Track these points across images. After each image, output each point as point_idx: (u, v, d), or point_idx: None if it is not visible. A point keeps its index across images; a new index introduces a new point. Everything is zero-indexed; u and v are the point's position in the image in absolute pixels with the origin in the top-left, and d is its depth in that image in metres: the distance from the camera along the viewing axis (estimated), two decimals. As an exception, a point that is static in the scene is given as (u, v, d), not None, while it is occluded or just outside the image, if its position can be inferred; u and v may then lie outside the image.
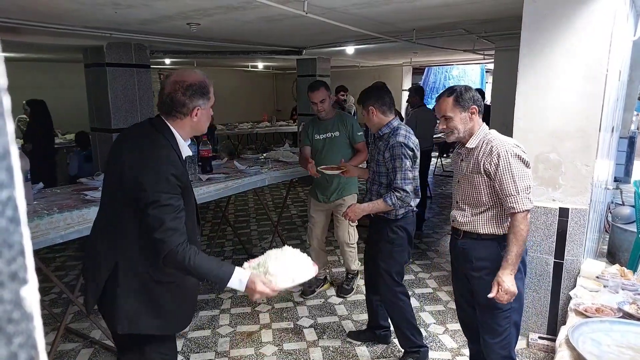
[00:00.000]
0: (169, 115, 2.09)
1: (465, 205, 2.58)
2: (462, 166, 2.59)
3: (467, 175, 2.54)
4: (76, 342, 3.79)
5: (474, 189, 2.51)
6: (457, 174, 2.67)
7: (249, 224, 7.07)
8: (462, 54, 9.02)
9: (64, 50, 7.16)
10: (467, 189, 2.55)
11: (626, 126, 6.95)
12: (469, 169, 2.52)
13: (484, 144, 2.47)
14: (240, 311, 4.29)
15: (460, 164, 2.62)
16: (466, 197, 2.57)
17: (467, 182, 2.55)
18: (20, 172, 0.26)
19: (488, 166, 2.41)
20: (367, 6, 4.11)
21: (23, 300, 0.26)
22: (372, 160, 3.33)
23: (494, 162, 2.39)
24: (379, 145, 3.24)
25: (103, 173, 2.46)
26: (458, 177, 2.65)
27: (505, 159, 2.37)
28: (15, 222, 0.25)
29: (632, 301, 2.54)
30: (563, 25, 3.22)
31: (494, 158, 2.39)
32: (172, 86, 2.05)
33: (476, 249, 2.55)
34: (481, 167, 2.45)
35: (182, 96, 2.04)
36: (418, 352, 3.38)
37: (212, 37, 6.00)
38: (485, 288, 2.42)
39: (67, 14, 4.23)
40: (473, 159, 2.51)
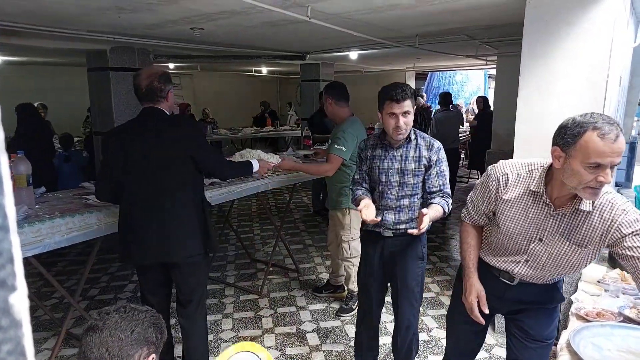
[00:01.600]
0: (154, 102, 2.80)
1: (545, 270, 2.09)
2: (552, 224, 1.99)
3: (571, 242, 1.96)
4: (77, 347, 3.79)
5: (574, 257, 1.99)
6: (535, 229, 2.04)
7: (252, 229, 7.08)
8: (464, 59, 9.03)
9: (68, 54, 7.19)
10: (566, 256, 2.00)
11: (627, 132, 6.93)
12: (580, 237, 1.94)
13: (605, 207, 1.87)
14: (243, 316, 4.30)
15: (547, 221, 1.99)
16: (556, 263, 2.04)
17: (567, 250, 1.98)
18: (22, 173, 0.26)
19: (617, 233, 1.84)
20: (371, 12, 4.12)
21: (12, 307, 0.26)
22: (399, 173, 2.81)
23: (623, 224, 1.83)
24: (410, 153, 2.80)
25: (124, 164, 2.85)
26: (540, 235, 2.03)
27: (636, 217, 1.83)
28: (4, 230, 0.26)
29: (632, 305, 2.54)
30: (564, 31, 3.22)
31: (626, 219, 1.83)
32: (147, 79, 2.75)
33: (536, 294, 2.20)
34: (602, 239, 1.89)
35: (159, 83, 2.76)
36: None
37: (216, 42, 6.02)
38: (538, 323, 2.23)
39: (71, 18, 4.26)
40: (584, 224, 1.91)
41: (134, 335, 1.36)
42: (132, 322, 1.38)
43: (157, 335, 1.44)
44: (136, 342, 1.36)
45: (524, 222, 2.05)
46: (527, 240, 2.07)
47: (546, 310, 2.23)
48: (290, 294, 4.75)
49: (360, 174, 2.97)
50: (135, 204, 2.82)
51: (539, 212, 2.00)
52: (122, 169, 2.78)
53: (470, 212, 2.29)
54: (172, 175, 2.79)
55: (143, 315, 1.42)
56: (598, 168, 1.70)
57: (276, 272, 5.32)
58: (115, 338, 1.33)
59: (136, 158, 2.77)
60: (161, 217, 2.78)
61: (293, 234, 6.71)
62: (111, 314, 1.39)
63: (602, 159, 1.68)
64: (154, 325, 1.43)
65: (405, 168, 2.78)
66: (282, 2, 3.65)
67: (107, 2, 3.66)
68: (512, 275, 2.18)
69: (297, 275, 5.23)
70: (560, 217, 1.96)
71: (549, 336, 2.26)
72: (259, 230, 6.98)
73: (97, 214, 3.19)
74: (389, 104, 2.66)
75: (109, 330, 1.34)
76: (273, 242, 5.86)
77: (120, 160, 2.78)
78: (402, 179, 2.79)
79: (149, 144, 2.76)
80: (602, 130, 1.69)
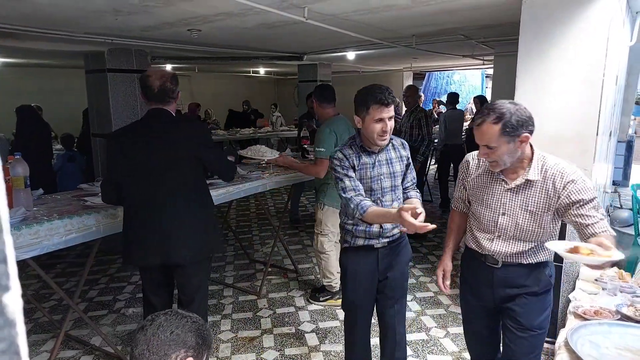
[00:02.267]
0: (164, 103, 2.81)
1: (516, 241, 2.27)
2: (512, 198, 2.23)
3: (528, 210, 2.20)
4: (76, 349, 3.80)
5: (538, 225, 2.21)
6: (500, 205, 2.27)
7: (251, 229, 7.08)
8: (461, 59, 9.05)
9: (65, 56, 7.19)
10: (527, 225, 2.23)
11: (624, 130, 6.96)
12: (535, 205, 2.18)
13: (553, 174, 2.14)
14: (242, 316, 4.30)
15: (506, 194, 2.24)
16: (523, 233, 2.24)
17: (526, 217, 2.22)
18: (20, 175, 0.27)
19: (566, 200, 2.10)
20: (367, 13, 4.13)
21: (5, 307, 0.27)
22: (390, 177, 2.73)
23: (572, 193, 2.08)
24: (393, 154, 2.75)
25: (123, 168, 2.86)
26: (503, 210, 2.25)
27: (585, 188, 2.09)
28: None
29: (630, 303, 2.54)
30: (560, 31, 3.23)
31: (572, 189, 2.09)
32: (160, 80, 2.76)
33: (520, 276, 2.31)
34: (556, 203, 2.14)
35: (171, 84, 2.79)
36: None
37: (214, 43, 6.02)
38: (531, 311, 2.31)
39: (68, 21, 4.26)
40: (538, 192, 2.18)
41: (173, 337, 1.47)
42: (174, 324, 1.49)
43: (198, 341, 1.51)
44: (174, 343, 1.46)
45: (488, 199, 2.30)
46: (494, 215, 2.29)
47: (536, 300, 2.32)
48: (289, 295, 4.75)
49: (352, 180, 2.60)
50: (139, 206, 2.83)
51: (498, 189, 2.27)
52: (127, 171, 2.79)
53: (455, 199, 2.57)
54: (176, 177, 2.81)
55: (186, 320, 1.52)
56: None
57: (275, 272, 5.32)
58: (157, 337, 1.45)
59: (141, 160, 2.78)
60: (164, 219, 2.79)
61: (292, 235, 6.72)
62: (159, 316, 1.52)
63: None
64: (195, 330, 1.52)
65: (394, 171, 2.72)
66: (279, 4, 3.66)
67: (104, 5, 3.66)
68: (494, 258, 2.32)
69: (295, 275, 5.24)
70: (516, 190, 2.22)
71: (540, 326, 2.33)
72: (258, 231, 6.99)
73: (96, 216, 3.19)
74: (377, 108, 2.49)
75: (153, 329, 1.47)
76: (272, 242, 5.86)
77: (124, 163, 2.79)
78: (393, 183, 2.73)
79: (155, 145, 2.77)
80: None
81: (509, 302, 2.36)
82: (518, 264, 2.30)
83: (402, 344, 2.99)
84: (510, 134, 2.06)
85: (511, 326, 2.37)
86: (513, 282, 2.33)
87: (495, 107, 2.10)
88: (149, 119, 2.87)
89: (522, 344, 2.35)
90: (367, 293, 2.83)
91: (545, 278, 2.33)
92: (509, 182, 2.22)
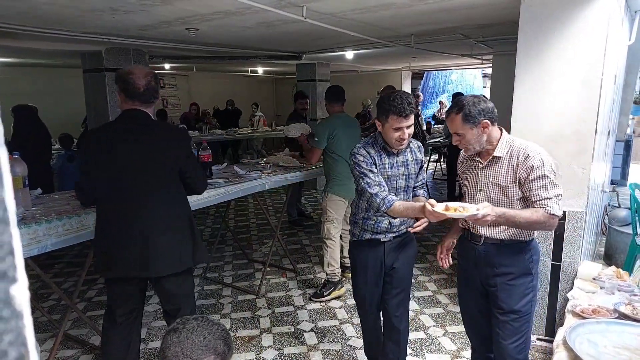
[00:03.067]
0: (147, 103, 2.61)
1: None
2: (485, 174, 2.48)
3: (497, 184, 2.44)
4: (75, 348, 3.79)
5: (506, 198, 2.42)
6: (477, 182, 2.53)
7: (249, 229, 7.08)
8: (460, 58, 9.06)
9: (63, 55, 7.18)
10: (497, 197, 2.45)
11: (622, 130, 6.97)
12: (502, 179, 2.42)
13: (517, 151, 2.38)
14: (241, 316, 4.30)
15: (480, 172, 2.50)
16: (495, 205, 2.37)
17: (497, 191, 2.45)
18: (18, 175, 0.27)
19: (524, 174, 2.34)
20: (366, 11, 4.13)
21: (13, 299, 0.27)
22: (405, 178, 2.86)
23: (528, 168, 2.32)
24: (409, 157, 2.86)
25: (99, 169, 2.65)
26: (480, 186, 2.51)
27: (541, 166, 2.32)
28: (5, 223, 0.27)
29: (627, 302, 2.55)
30: (559, 30, 3.24)
31: (529, 165, 2.32)
32: (145, 79, 2.56)
33: (500, 255, 2.49)
34: (517, 176, 2.37)
35: (155, 84, 2.60)
36: None
37: (211, 43, 6.02)
38: (510, 294, 2.45)
39: (65, 20, 4.25)
40: (504, 167, 2.41)
41: (205, 342, 1.52)
42: (206, 330, 1.55)
43: (225, 349, 1.56)
44: (206, 349, 1.51)
45: (469, 179, 2.58)
46: (473, 193, 2.55)
47: (516, 284, 2.46)
48: (287, 294, 4.75)
49: (376, 175, 2.70)
50: (116, 213, 2.63)
51: (475, 169, 2.54)
52: (104, 175, 2.60)
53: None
54: (156, 184, 2.64)
55: (216, 327, 1.58)
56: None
57: (273, 272, 5.32)
58: (190, 341, 1.50)
59: (118, 164, 2.59)
60: (144, 227, 2.60)
61: (290, 234, 6.71)
62: (191, 320, 1.58)
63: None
64: (223, 338, 1.57)
65: (409, 173, 2.85)
66: (277, 2, 3.66)
67: (101, 4, 3.66)
68: (476, 235, 2.54)
69: (294, 275, 5.24)
70: (487, 167, 2.47)
71: (522, 310, 2.46)
72: (256, 231, 6.98)
73: (94, 215, 3.18)
74: (396, 119, 2.59)
75: (186, 333, 1.52)
76: (270, 242, 5.87)
77: (100, 165, 2.60)
78: (407, 184, 2.87)
79: (134, 149, 2.58)
80: None
81: (492, 286, 2.51)
82: (497, 241, 2.48)
83: (404, 337, 3.06)
84: (471, 121, 2.35)
85: (495, 310, 2.53)
86: (492, 260, 2.49)
87: (458, 100, 2.45)
88: (127, 120, 2.63)
89: (505, 327, 2.49)
90: (375, 284, 2.98)
91: (524, 261, 2.47)
92: (483, 162, 2.49)
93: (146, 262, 2.60)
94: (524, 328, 2.49)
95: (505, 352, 2.50)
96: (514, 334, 2.48)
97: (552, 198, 2.31)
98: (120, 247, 2.61)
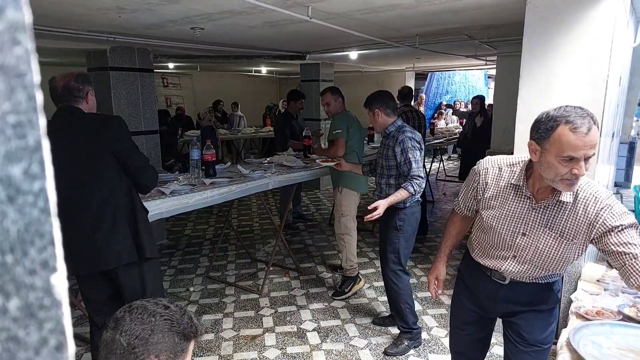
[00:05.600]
0: (71, 102, 2.62)
1: (532, 267, 2.07)
2: (538, 220, 1.99)
3: (554, 236, 1.96)
4: (79, 346, 3.80)
5: (561, 254, 1.99)
6: (519, 223, 2.03)
7: (252, 228, 7.09)
8: (464, 59, 9.06)
9: (68, 54, 7.19)
10: (550, 251, 1.99)
11: (626, 132, 6.97)
12: (562, 230, 1.94)
13: (587, 197, 1.89)
14: (244, 315, 4.31)
15: (529, 213, 2.00)
16: (542, 258, 2.02)
17: (552, 244, 1.98)
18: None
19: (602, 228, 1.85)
20: (371, 12, 4.13)
21: (53, 288, 0.28)
22: (382, 157, 3.68)
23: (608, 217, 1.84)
24: (387, 143, 3.63)
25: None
26: (524, 230, 2.02)
27: (625, 213, 1.85)
28: (46, 213, 0.27)
29: (632, 304, 2.55)
30: (564, 31, 3.24)
31: (612, 213, 1.84)
32: (63, 79, 2.61)
33: (529, 294, 2.16)
34: (587, 231, 1.90)
35: (75, 83, 2.61)
36: (411, 331, 3.69)
37: (216, 42, 6.03)
38: (534, 325, 2.18)
39: (71, 18, 4.26)
40: (567, 217, 1.93)
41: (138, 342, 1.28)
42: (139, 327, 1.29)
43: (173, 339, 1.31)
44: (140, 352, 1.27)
45: (507, 216, 2.05)
46: (511, 235, 2.05)
47: (542, 314, 2.18)
48: (290, 293, 4.76)
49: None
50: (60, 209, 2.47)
51: (521, 206, 2.01)
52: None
53: (459, 201, 2.36)
54: (92, 177, 2.59)
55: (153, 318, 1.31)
56: (572, 161, 1.72)
57: (276, 271, 5.33)
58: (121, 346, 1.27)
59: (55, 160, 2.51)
60: (83, 224, 2.58)
61: (293, 234, 6.72)
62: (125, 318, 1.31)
63: (575, 152, 1.71)
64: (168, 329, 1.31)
65: (383, 153, 3.66)
66: (283, 2, 3.66)
67: (108, 2, 3.67)
68: (502, 274, 2.15)
69: (297, 274, 5.24)
70: (543, 210, 1.97)
71: (545, 341, 2.21)
72: (259, 230, 7.00)
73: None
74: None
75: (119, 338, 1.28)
76: (273, 241, 5.88)
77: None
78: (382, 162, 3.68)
79: (67, 143, 2.56)
80: (575, 123, 1.70)
81: (513, 316, 2.23)
82: (528, 283, 2.14)
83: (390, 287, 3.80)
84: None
85: (513, 339, 2.24)
86: (519, 299, 2.17)
87: (587, 110, 1.77)
88: (56, 117, 2.66)
89: (524, 358, 2.22)
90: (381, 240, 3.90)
91: (554, 295, 2.19)
92: (538, 201, 1.97)
93: (89, 257, 2.60)
94: (543, 357, 2.24)
95: None
96: None
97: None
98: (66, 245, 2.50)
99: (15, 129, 0.26)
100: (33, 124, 0.27)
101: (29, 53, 0.27)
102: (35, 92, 0.28)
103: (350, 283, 4.68)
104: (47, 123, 1.06)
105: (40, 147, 0.27)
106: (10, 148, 0.26)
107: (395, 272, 3.69)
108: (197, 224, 7.28)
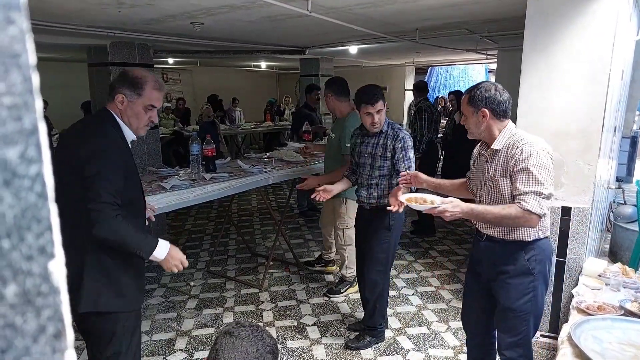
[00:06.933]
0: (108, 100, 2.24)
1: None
2: (486, 168, 2.44)
3: (492, 178, 2.39)
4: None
5: (498, 193, 2.37)
6: (481, 176, 2.50)
7: (253, 223, 7.09)
8: (465, 53, 9.03)
9: (68, 49, 7.18)
10: (493, 193, 2.40)
11: (628, 126, 6.97)
12: (495, 172, 2.37)
13: (512, 145, 2.30)
14: (244, 309, 4.31)
15: (484, 165, 2.46)
16: (492, 201, 2.41)
17: (493, 185, 2.40)
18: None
19: (512, 168, 2.27)
20: (371, 6, 4.12)
21: (51, 275, 0.27)
22: (370, 157, 3.50)
23: (516, 161, 2.25)
24: (379, 141, 3.46)
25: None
26: (484, 180, 2.47)
27: (526, 159, 2.22)
28: (44, 198, 0.27)
29: (633, 299, 2.55)
30: (566, 25, 3.22)
31: (517, 157, 2.25)
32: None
33: (498, 252, 2.45)
34: (507, 171, 2.31)
35: (114, 82, 2.22)
36: (375, 329, 3.70)
37: (216, 37, 6.01)
38: (507, 292, 2.43)
39: (71, 14, 4.25)
40: (498, 161, 2.36)
41: (257, 354, 1.48)
42: (260, 341, 1.50)
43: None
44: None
45: (477, 175, 2.56)
46: (480, 188, 2.52)
47: (514, 282, 2.42)
48: (290, 288, 4.76)
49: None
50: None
51: (481, 163, 2.51)
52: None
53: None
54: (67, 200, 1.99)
55: (269, 339, 1.54)
56: None
57: (277, 266, 5.33)
58: (243, 349, 1.47)
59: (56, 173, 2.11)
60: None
61: (293, 229, 6.72)
62: (245, 327, 1.53)
63: None
64: (272, 352, 1.53)
65: (374, 153, 3.46)
66: (283, -4, 3.65)
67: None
68: (480, 230, 2.53)
69: (297, 269, 5.24)
70: (487, 160, 2.43)
71: (519, 309, 2.42)
72: (260, 225, 6.99)
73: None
74: (364, 107, 3.33)
75: (241, 340, 1.48)
76: (273, 236, 5.87)
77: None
78: (372, 162, 3.48)
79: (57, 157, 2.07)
80: None
81: (493, 281, 2.51)
82: (497, 239, 2.44)
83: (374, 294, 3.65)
84: (473, 105, 2.36)
85: (496, 305, 2.54)
86: (492, 257, 2.48)
87: (479, 83, 2.45)
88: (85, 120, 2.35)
89: (503, 322, 2.52)
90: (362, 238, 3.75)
91: (522, 260, 2.40)
92: (487, 156, 2.45)
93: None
94: (522, 327, 2.45)
95: (500, 345, 2.57)
96: (510, 330, 2.49)
97: (529, 193, 2.19)
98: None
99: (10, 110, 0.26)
100: (29, 106, 0.26)
101: (23, 33, 0.26)
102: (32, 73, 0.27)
103: (346, 285, 4.64)
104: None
105: (37, 130, 0.27)
106: (6, 131, 0.26)
107: (382, 272, 3.61)
108: (197, 219, 7.27)
